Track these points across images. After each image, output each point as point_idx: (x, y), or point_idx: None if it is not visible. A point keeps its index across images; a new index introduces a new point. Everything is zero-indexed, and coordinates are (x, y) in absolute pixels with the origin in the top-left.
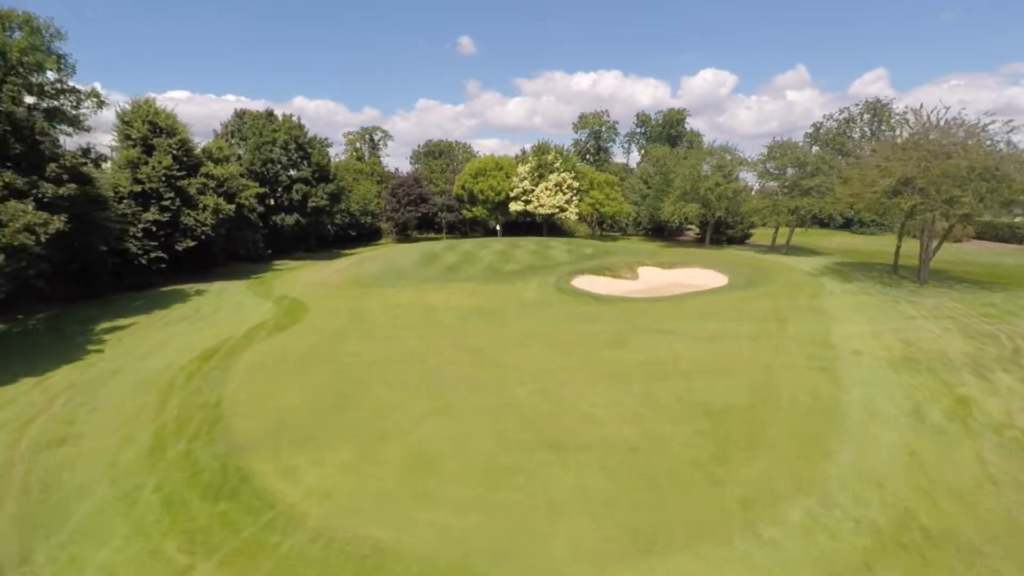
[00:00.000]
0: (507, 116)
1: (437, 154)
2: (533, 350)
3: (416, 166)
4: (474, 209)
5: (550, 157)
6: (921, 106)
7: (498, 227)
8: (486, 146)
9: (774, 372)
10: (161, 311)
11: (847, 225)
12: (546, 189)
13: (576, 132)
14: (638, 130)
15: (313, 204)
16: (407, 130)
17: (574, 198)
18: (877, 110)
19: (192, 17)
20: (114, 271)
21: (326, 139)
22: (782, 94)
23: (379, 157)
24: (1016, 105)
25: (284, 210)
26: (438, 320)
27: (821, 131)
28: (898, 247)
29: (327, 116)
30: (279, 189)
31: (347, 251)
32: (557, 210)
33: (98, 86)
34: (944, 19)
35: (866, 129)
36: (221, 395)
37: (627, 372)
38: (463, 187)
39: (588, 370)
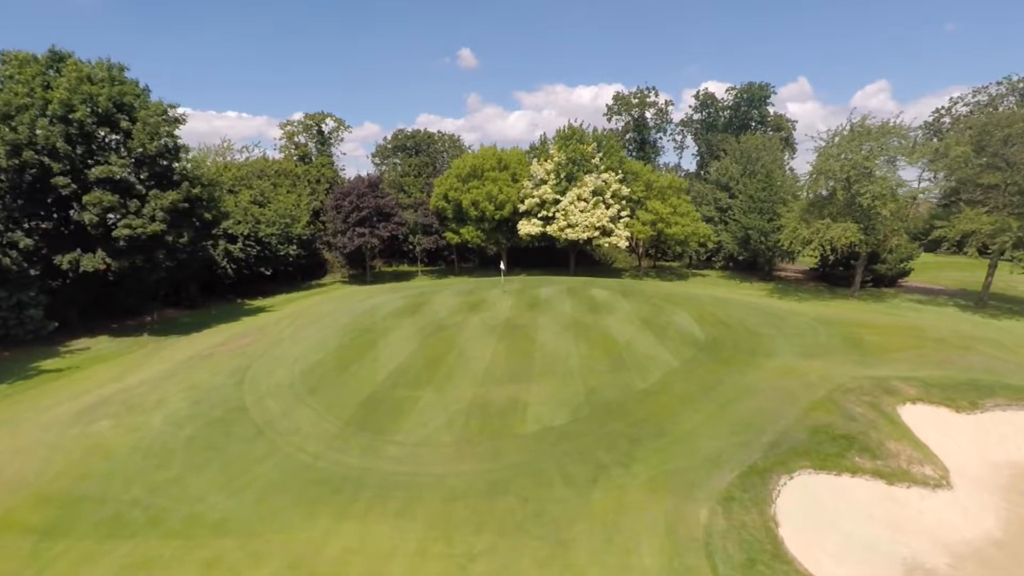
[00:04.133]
0: (508, 130)
1: (412, 150)
2: None
3: (381, 167)
4: (462, 230)
5: (587, 149)
6: None
7: (503, 262)
8: None
9: None
10: None
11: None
12: (579, 200)
13: (610, 120)
14: (696, 116)
15: (127, 231)
16: None
17: (622, 213)
18: None
19: (191, 33)
20: None
21: (173, 106)
22: (783, 106)
23: (331, 156)
24: None
25: (78, 243)
26: None
27: (943, 120)
28: None
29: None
30: (55, 201)
31: (254, 303)
32: (597, 233)
33: None
34: (947, 31)
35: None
36: None
37: None
38: (445, 197)
39: None
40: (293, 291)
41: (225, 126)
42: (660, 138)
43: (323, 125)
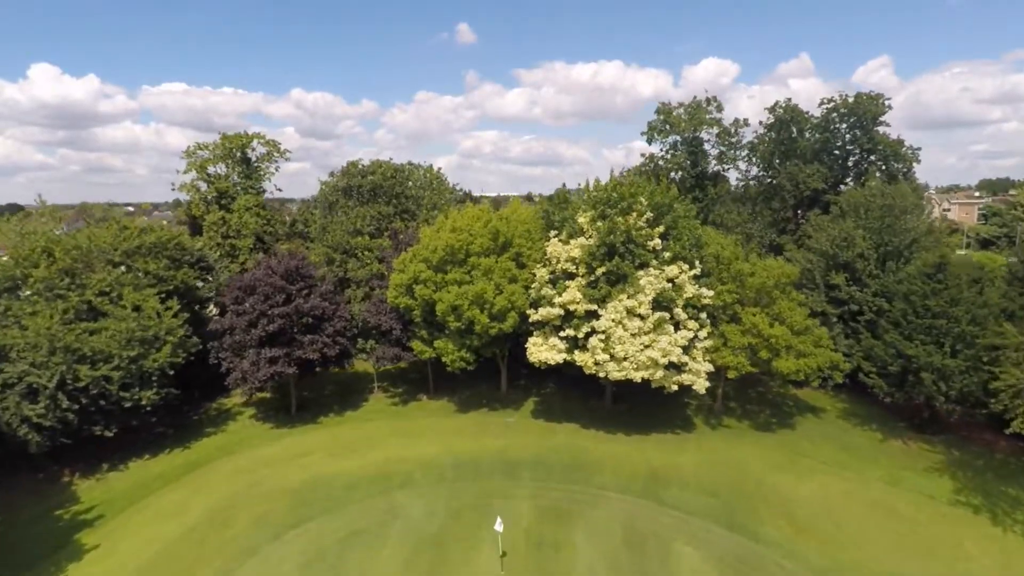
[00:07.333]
0: (506, 107)
1: (369, 193)
2: None
3: (332, 216)
4: (438, 344)
5: (638, 222)
6: None
7: (499, 519)
8: (485, 139)
9: None
10: None
11: None
12: (631, 317)
13: (651, 141)
14: (768, 135)
15: None
16: (405, 123)
17: (701, 333)
18: None
19: (188, 9)
20: None
21: None
22: (785, 83)
23: (261, 193)
24: (1020, 93)
25: None
26: None
27: None
28: None
29: (325, 108)
30: None
31: (82, 488)
32: (658, 369)
33: (95, 78)
34: (950, 4)
35: None
36: None
37: None
38: (409, 291)
39: None
40: (165, 447)
41: (221, 102)
42: (724, 169)
43: (248, 150)
